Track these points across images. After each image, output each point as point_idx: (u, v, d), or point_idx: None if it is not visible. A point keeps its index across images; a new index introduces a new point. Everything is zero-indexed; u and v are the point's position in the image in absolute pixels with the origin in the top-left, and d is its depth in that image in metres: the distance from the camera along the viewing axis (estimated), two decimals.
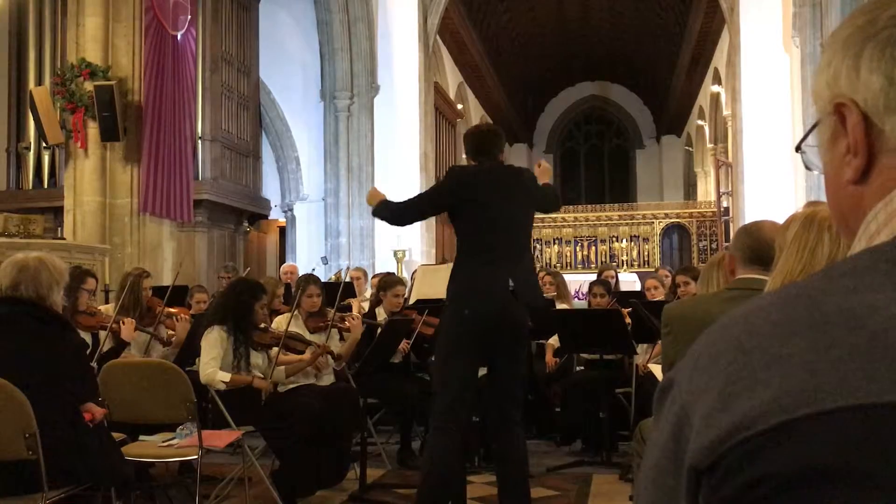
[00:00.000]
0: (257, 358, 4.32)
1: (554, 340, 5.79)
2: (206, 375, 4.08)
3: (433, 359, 3.81)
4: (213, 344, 4.15)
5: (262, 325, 4.45)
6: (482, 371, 3.69)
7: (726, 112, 15.54)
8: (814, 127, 0.65)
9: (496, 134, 3.74)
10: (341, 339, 5.13)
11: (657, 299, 5.92)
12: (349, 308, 6.00)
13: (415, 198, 3.67)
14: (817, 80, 0.63)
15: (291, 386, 4.61)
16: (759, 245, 2.36)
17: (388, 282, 5.65)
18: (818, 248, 1.85)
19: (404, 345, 5.17)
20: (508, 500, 3.43)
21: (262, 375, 4.30)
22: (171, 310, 5.12)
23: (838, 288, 0.50)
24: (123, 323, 4.61)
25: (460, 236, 3.51)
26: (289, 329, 4.51)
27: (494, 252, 3.43)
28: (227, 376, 4.09)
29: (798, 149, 0.71)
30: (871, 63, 0.58)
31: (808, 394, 0.45)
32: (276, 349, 4.40)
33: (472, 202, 3.45)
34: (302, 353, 4.59)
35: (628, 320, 5.28)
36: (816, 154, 0.67)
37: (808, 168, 0.70)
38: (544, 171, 3.83)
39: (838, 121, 0.60)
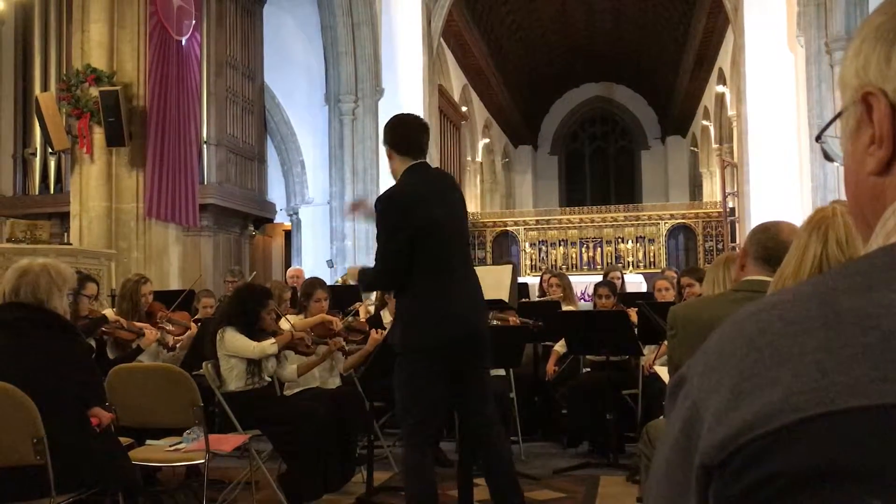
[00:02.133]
0: (268, 361, 4.32)
1: (560, 346, 5.77)
2: (257, 350, 4.15)
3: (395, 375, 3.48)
4: (236, 336, 4.18)
5: (271, 330, 4.45)
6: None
7: (731, 112, 15.53)
8: (837, 116, 0.64)
9: (426, 127, 3.57)
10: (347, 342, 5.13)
11: (667, 300, 5.90)
12: (356, 312, 6.00)
13: (379, 256, 3.40)
14: (845, 68, 0.62)
15: (298, 389, 4.62)
16: (774, 244, 2.34)
17: None
18: (809, 249, 1.85)
19: None
20: (500, 501, 3.42)
21: (269, 379, 4.31)
22: (173, 315, 5.14)
23: (852, 286, 0.50)
24: (148, 329, 4.69)
25: (420, 256, 3.27)
26: (295, 332, 4.51)
27: (452, 273, 3.33)
28: (271, 339, 4.20)
29: (818, 139, 0.70)
30: None
31: (819, 393, 0.45)
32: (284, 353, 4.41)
33: (426, 222, 3.27)
34: (310, 353, 4.59)
35: (634, 318, 5.27)
36: (838, 145, 0.67)
37: (827, 159, 0.69)
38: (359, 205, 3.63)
39: (864, 111, 0.59)
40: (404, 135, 3.44)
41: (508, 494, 3.39)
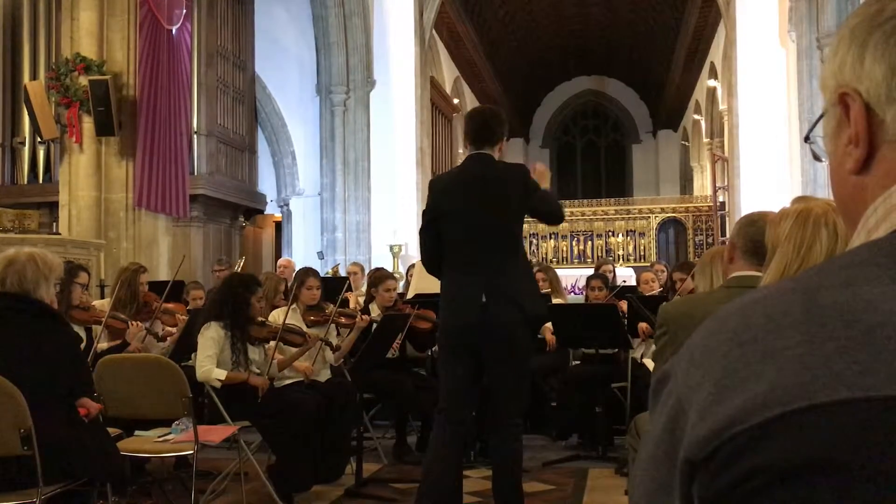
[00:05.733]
0: (255, 353, 4.31)
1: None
2: (202, 373, 4.08)
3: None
4: (210, 341, 4.14)
5: (260, 320, 4.44)
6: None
7: (722, 107, 15.56)
8: (822, 117, 0.65)
9: (495, 120, 3.50)
10: (338, 334, 5.13)
11: (652, 293, 5.93)
12: (346, 302, 5.99)
13: (420, 238, 3.59)
14: (825, 69, 0.63)
15: (288, 381, 4.61)
16: (762, 237, 2.33)
17: (377, 277, 5.64)
18: (815, 245, 1.83)
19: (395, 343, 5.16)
20: (499, 498, 3.45)
21: (258, 371, 4.30)
22: (168, 306, 5.12)
23: (834, 282, 0.50)
24: (133, 324, 4.65)
25: (444, 245, 3.42)
26: (286, 322, 4.51)
27: (471, 262, 3.34)
28: (222, 374, 4.08)
29: (807, 139, 0.71)
30: (876, 52, 0.57)
31: (802, 387, 0.45)
32: (272, 343, 4.40)
33: (449, 211, 3.37)
34: (300, 346, 4.59)
35: (624, 309, 5.29)
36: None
37: (816, 158, 0.70)
38: (541, 175, 3.62)
39: (842, 111, 0.60)
40: (465, 125, 3.58)
41: (508, 496, 3.41)
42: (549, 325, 5.82)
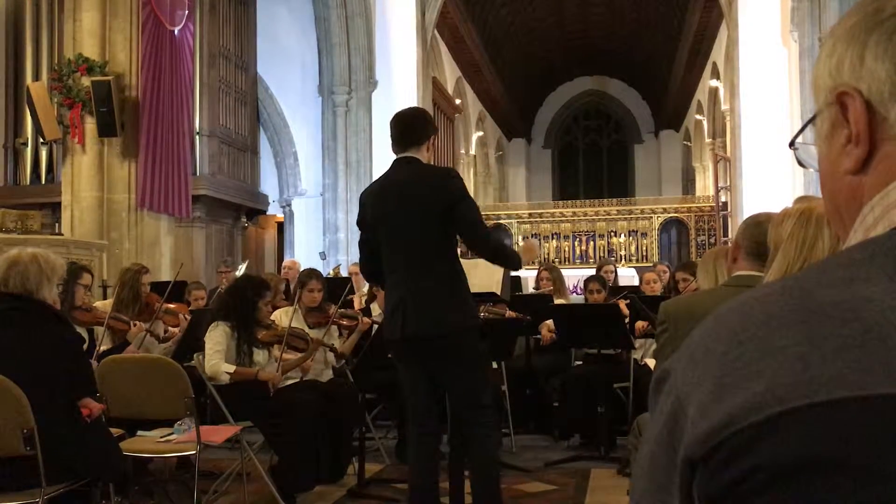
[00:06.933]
0: (259, 355, 4.32)
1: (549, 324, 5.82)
2: (211, 368, 4.09)
3: None
4: (218, 339, 4.16)
5: (266, 323, 4.46)
6: None
7: (725, 107, 15.56)
8: (809, 122, 0.65)
9: (419, 121, 3.39)
10: (340, 335, 5.13)
11: (655, 294, 5.94)
12: (350, 304, 5.99)
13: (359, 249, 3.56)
14: (818, 70, 0.63)
15: (290, 382, 4.62)
16: (766, 239, 2.34)
17: None
18: (818, 244, 1.84)
19: None
20: (476, 499, 3.42)
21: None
22: (170, 306, 5.13)
23: (833, 280, 0.50)
24: (134, 325, 4.66)
25: (382, 253, 3.38)
26: (291, 326, 4.52)
27: (398, 271, 3.28)
28: (231, 368, 4.11)
29: (791, 145, 0.70)
30: (878, 50, 0.57)
31: (801, 385, 0.45)
32: (277, 346, 4.41)
33: (376, 220, 3.32)
34: (304, 350, 4.59)
35: (625, 311, 5.29)
36: (810, 151, 0.67)
37: (801, 165, 0.70)
38: (527, 250, 3.70)
39: (839, 110, 0.59)
40: (391, 130, 3.39)
41: (478, 497, 3.41)
42: (548, 322, 5.83)
